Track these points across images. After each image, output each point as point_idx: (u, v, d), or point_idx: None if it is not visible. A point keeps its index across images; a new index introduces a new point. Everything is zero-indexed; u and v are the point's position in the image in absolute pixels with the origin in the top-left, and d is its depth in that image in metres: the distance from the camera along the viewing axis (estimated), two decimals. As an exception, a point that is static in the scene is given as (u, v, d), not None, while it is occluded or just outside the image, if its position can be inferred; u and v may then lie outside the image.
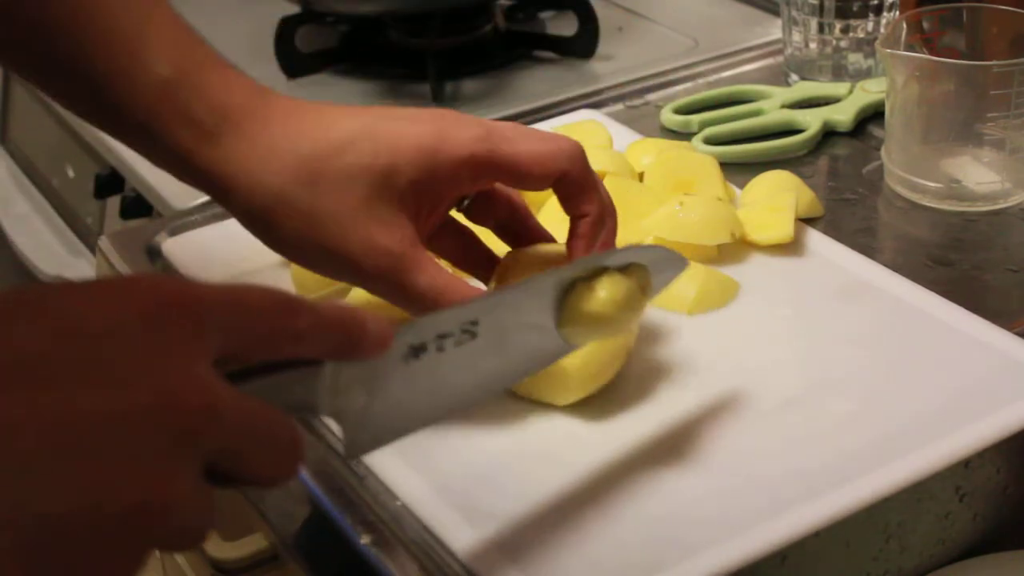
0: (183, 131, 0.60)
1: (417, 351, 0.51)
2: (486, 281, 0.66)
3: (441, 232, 0.65)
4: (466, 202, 0.65)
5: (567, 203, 0.63)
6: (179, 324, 0.42)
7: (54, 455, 0.38)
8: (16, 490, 0.37)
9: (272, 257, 0.75)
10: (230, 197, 0.61)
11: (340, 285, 0.72)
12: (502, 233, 0.67)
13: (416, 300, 0.60)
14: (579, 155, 0.62)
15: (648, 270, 0.62)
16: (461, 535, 0.57)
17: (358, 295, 0.69)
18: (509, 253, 0.66)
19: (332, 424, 0.50)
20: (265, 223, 0.61)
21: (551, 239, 0.67)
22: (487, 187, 0.64)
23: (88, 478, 0.38)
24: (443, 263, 0.65)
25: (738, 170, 0.84)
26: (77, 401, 0.39)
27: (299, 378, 0.47)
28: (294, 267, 0.73)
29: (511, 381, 0.59)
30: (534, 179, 0.62)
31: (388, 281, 0.60)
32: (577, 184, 0.62)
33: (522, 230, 0.66)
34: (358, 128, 0.60)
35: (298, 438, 0.45)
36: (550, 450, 0.61)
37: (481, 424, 0.63)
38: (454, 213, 0.66)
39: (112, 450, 0.39)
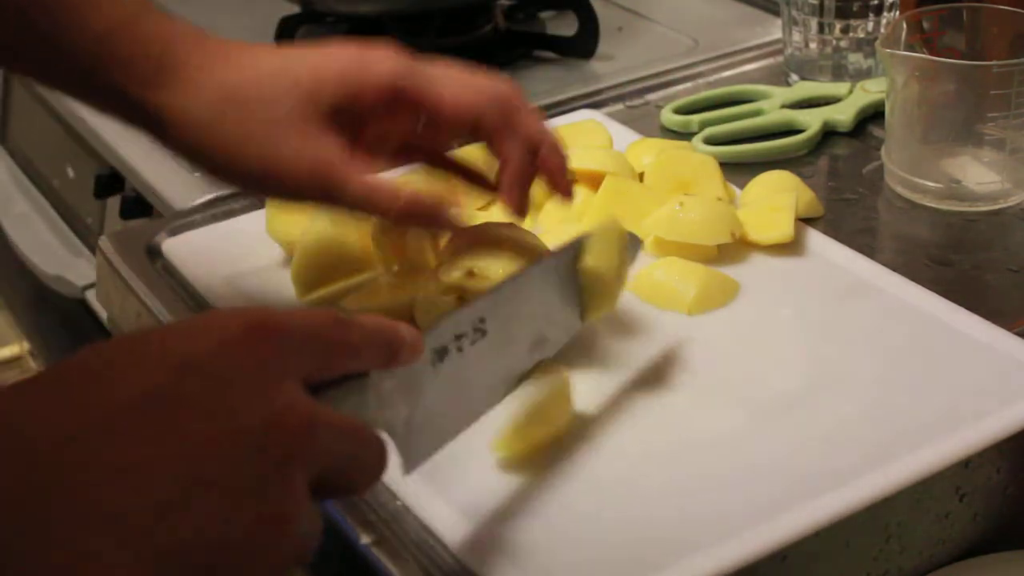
0: (123, 79, 0.63)
1: (440, 354, 0.53)
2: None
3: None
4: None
5: (488, 147, 0.65)
6: (269, 349, 0.45)
7: (182, 488, 0.41)
8: (153, 526, 0.40)
9: (272, 257, 0.76)
10: (167, 135, 0.64)
11: (339, 284, 0.72)
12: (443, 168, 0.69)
13: (354, 199, 0.62)
14: (502, 98, 0.64)
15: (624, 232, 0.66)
16: (461, 535, 0.57)
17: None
18: (456, 233, 0.68)
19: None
20: (201, 152, 0.63)
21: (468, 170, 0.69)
22: (406, 124, 0.65)
23: (214, 504, 0.41)
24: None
25: (738, 170, 0.84)
26: (196, 432, 0.42)
27: (353, 390, 0.49)
28: (294, 267, 0.73)
29: (522, 369, 0.60)
30: (448, 121, 0.64)
31: (321, 187, 0.62)
32: (494, 130, 0.64)
33: (456, 167, 0.69)
34: (281, 61, 0.64)
35: (382, 441, 0.48)
36: (550, 450, 0.61)
37: (482, 426, 0.63)
38: None
39: (232, 474, 0.42)
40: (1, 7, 0.64)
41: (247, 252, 0.77)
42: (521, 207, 0.65)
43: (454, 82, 0.64)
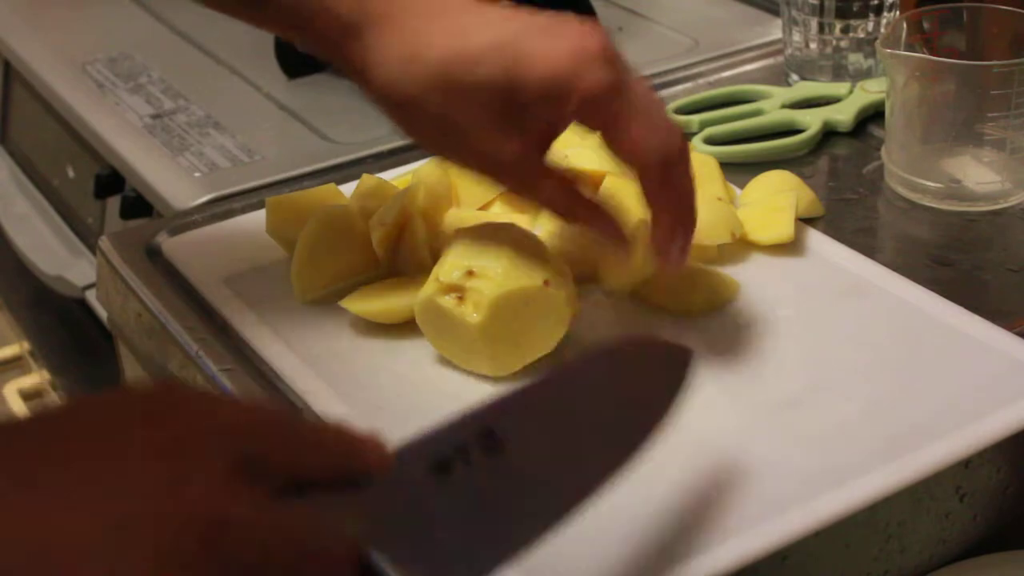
0: (328, 25, 0.63)
1: (443, 466, 0.45)
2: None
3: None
4: None
5: (640, 190, 0.64)
6: (195, 447, 0.41)
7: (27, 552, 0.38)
8: None
9: (272, 257, 0.76)
10: (369, 89, 0.64)
11: (339, 284, 0.72)
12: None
13: (540, 201, 0.66)
14: (672, 152, 0.62)
15: None
16: (461, 535, 0.57)
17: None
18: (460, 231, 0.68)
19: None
20: (399, 118, 0.64)
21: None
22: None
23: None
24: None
25: (738, 170, 0.84)
26: (89, 511, 0.39)
27: (329, 503, 0.43)
28: (294, 266, 0.73)
29: (610, 478, 0.49)
30: (626, 157, 0.63)
31: (515, 191, 0.67)
32: (651, 182, 0.63)
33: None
34: (495, 39, 0.61)
35: (321, 555, 0.42)
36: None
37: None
38: None
39: (124, 565, 0.38)
40: None
41: (247, 252, 0.77)
42: (679, 264, 0.64)
43: (639, 118, 0.61)
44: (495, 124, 0.62)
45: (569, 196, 0.65)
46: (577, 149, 0.80)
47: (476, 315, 0.64)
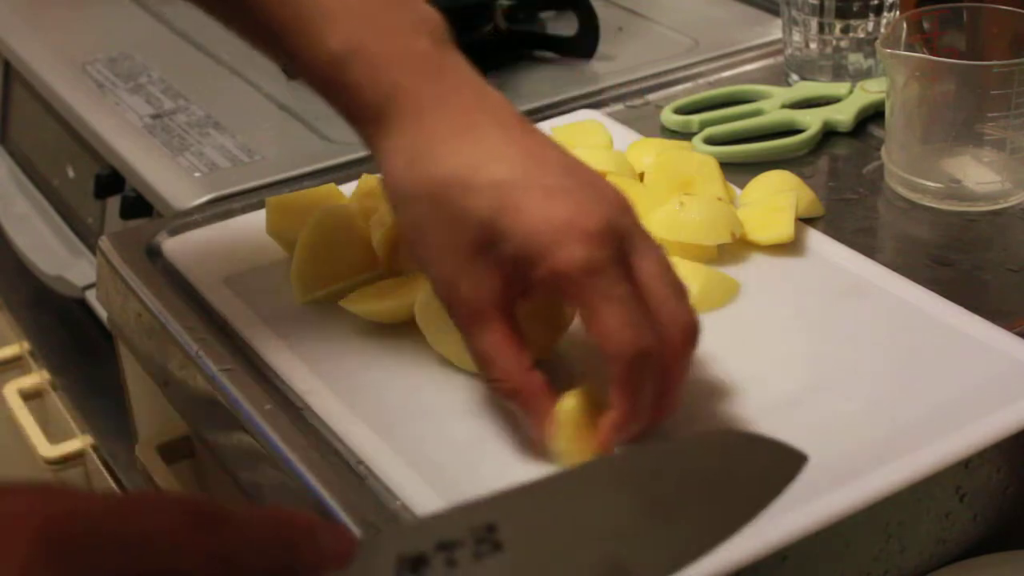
0: (351, 107, 0.62)
1: (417, 566, 0.39)
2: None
3: None
4: None
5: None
6: (51, 571, 0.34)
7: None
8: None
9: (272, 257, 0.76)
10: (378, 166, 0.63)
11: (339, 284, 0.72)
12: None
13: (472, 354, 0.60)
14: (666, 356, 0.57)
15: None
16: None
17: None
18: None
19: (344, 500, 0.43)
20: (397, 215, 0.62)
21: None
22: None
23: None
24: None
25: (738, 170, 0.84)
26: None
27: None
28: (294, 266, 0.73)
29: None
30: (601, 346, 0.57)
31: (467, 323, 0.59)
32: (626, 381, 0.57)
33: None
34: (492, 179, 0.58)
35: None
36: (552, 451, 0.61)
37: (483, 425, 0.63)
38: None
39: None
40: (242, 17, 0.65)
41: (247, 252, 0.77)
42: (606, 448, 0.57)
43: (614, 307, 0.56)
44: (462, 259, 0.58)
45: (496, 362, 0.59)
46: (577, 149, 0.80)
47: None
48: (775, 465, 0.44)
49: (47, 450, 1.13)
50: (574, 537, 0.40)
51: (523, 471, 0.60)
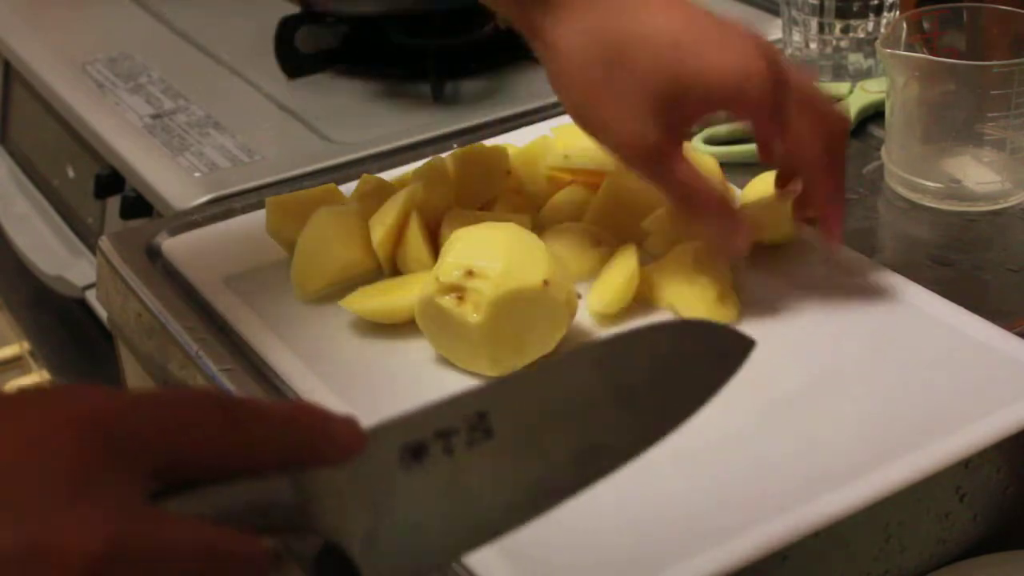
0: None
1: (416, 453, 0.42)
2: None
3: None
4: None
5: (806, 189, 0.72)
6: (101, 454, 0.37)
7: None
8: None
9: (272, 257, 0.76)
10: (542, 52, 0.69)
11: (340, 284, 0.72)
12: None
13: (672, 191, 0.68)
14: (838, 139, 0.71)
15: None
16: (461, 535, 0.57)
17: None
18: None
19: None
20: (561, 85, 0.68)
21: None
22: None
23: None
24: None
25: (738, 170, 0.84)
26: None
27: (254, 493, 0.40)
28: (294, 266, 0.73)
29: (562, 495, 0.44)
30: (795, 148, 0.69)
31: (651, 172, 0.68)
32: (819, 169, 0.71)
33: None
34: (668, 32, 0.65)
35: (260, 562, 0.40)
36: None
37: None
38: None
39: None
40: None
41: (247, 252, 0.77)
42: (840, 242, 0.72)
43: (800, 118, 0.68)
44: (648, 111, 0.65)
45: (694, 186, 0.68)
46: (577, 149, 0.80)
47: (476, 315, 0.64)
48: (726, 349, 0.50)
49: (47, 450, 1.13)
50: (555, 422, 0.43)
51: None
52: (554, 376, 0.45)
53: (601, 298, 0.70)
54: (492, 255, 0.64)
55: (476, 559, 0.55)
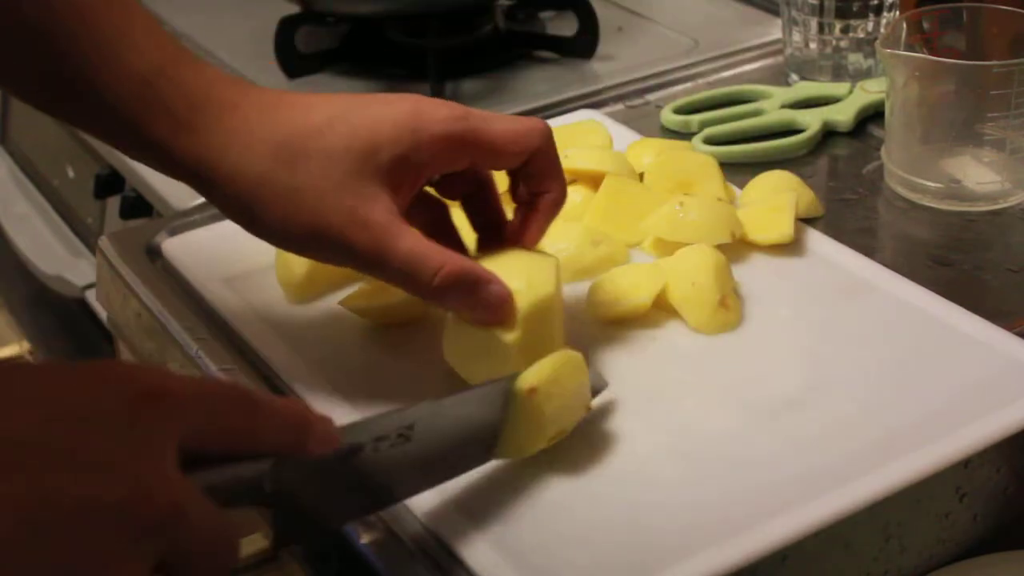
0: (162, 123, 0.61)
1: (354, 450, 0.53)
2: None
3: (415, 204, 0.65)
4: (437, 177, 0.66)
5: (533, 181, 0.65)
6: (153, 416, 0.43)
7: (29, 537, 0.39)
8: None
9: (271, 257, 0.76)
10: (212, 186, 0.61)
11: (341, 284, 0.72)
12: (467, 207, 0.68)
13: (397, 268, 0.60)
14: (549, 134, 0.64)
15: (588, 380, 0.62)
16: (461, 535, 0.57)
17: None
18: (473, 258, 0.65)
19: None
20: (248, 209, 0.61)
21: (504, 223, 0.67)
22: (464, 166, 0.64)
23: (56, 563, 0.40)
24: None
25: (738, 170, 0.84)
26: (57, 486, 0.40)
27: (248, 471, 0.48)
28: (278, 269, 0.73)
29: (433, 483, 0.58)
30: (509, 156, 0.64)
31: (372, 253, 0.60)
32: (548, 161, 0.65)
33: (486, 206, 0.67)
34: (335, 112, 0.61)
35: (236, 549, 0.47)
36: (550, 450, 0.61)
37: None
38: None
39: (82, 538, 0.40)
40: (31, 48, 0.61)
41: (247, 252, 0.77)
42: (537, 240, 0.66)
43: (507, 120, 0.64)
44: (353, 178, 0.60)
45: (440, 250, 0.61)
46: (577, 149, 0.80)
47: (511, 334, 0.62)
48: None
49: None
50: (458, 430, 0.57)
51: (521, 469, 0.60)
52: (467, 401, 0.58)
53: (601, 299, 0.70)
54: (507, 274, 0.63)
55: (476, 559, 0.55)
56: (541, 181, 0.65)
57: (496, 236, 0.67)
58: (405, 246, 0.60)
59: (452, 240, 0.67)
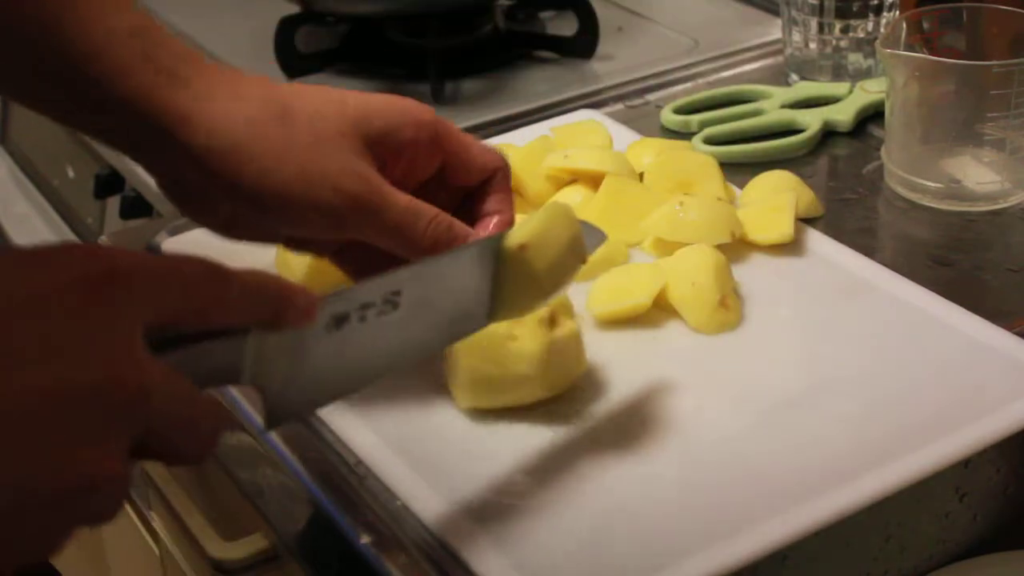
0: (145, 74, 0.59)
1: (340, 321, 0.51)
2: None
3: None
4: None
5: (488, 200, 0.66)
6: (115, 295, 0.42)
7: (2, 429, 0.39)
8: None
9: (271, 256, 0.75)
10: (193, 133, 0.59)
11: (322, 288, 0.72)
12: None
13: (396, 218, 0.61)
14: (508, 165, 0.67)
15: (582, 232, 0.61)
16: (461, 535, 0.57)
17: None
18: None
19: (249, 395, 0.54)
20: (233, 155, 0.59)
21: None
22: (433, 167, 0.65)
23: (26, 455, 0.39)
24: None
25: (738, 170, 0.84)
26: (21, 376, 0.39)
27: (224, 347, 0.47)
28: (278, 269, 0.73)
29: (428, 352, 0.58)
30: (476, 168, 0.66)
31: (372, 205, 0.60)
32: (505, 185, 0.67)
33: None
34: (326, 89, 0.63)
35: (219, 423, 0.46)
36: (551, 450, 0.61)
37: (482, 425, 0.63)
38: None
39: (53, 428, 0.40)
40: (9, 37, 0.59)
41: (247, 252, 0.77)
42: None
43: (474, 140, 0.66)
44: (345, 141, 0.60)
45: (431, 207, 0.62)
46: (577, 149, 0.80)
47: (533, 343, 0.62)
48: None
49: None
50: (444, 296, 0.56)
51: (521, 469, 0.60)
52: (454, 263, 0.57)
53: (601, 299, 0.70)
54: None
55: (477, 559, 0.55)
56: (495, 201, 0.66)
57: None
58: (404, 199, 0.61)
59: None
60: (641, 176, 0.81)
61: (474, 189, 0.67)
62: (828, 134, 0.91)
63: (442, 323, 0.57)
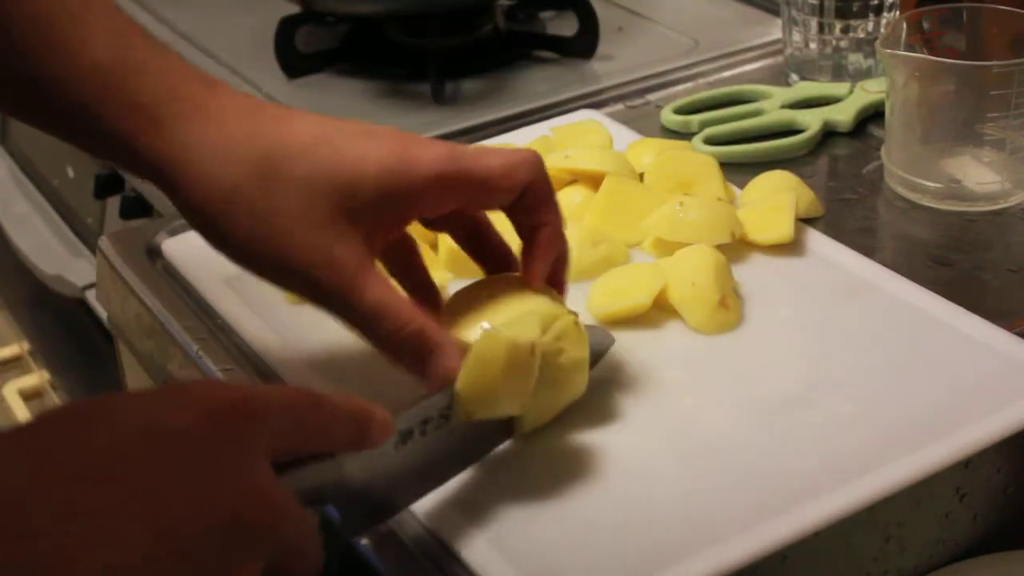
0: (126, 115, 0.57)
1: (405, 437, 0.55)
2: (429, 306, 0.64)
3: (389, 248, 0.63)
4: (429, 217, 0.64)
5: (529, 214, 0.62)
6: (250, 427, 0.45)
7: (141, 550, 0.39)
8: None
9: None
10: (177, 189, 0.58)
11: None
12: (466, 245, 0.66)
13: (360, 316, 0.58)
14: (541, 165, 0.61)
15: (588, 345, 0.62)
16: (461, 535, 0.57)
17: None
18: (456, 293, 0.64)
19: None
20: (215, 221, 0.58)
21: (511, 254, 0.65)
22: (453, 207, 0.61)
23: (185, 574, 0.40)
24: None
25: (738, 170, 0.84)
26: (164, 496, 0.41)
27: (323, 469, 0.50)
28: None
29: (471, 463, 0.60)
30: (502, 191, 0.60)
31: (337, 295, 0.58)
32: (542, 193, 0.61)
33: (487, 243, 0.65)
34: (320, 133, 0.58)
35: (320, 553, 0.48)
36: (550, 450, 0.61)
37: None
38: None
39: (191, 549, 0.41)
40: None
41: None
42: (544, 275, 0.63)
43: (497, 155, 0.60)
44: (328, 218, 0.57)
45: (406, 304, 0.59)
46: (577, 149, 0.80)
47: (573, 351, 0.61)
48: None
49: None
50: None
51: (521, 468, 0.60)
52: None
53: (601, 299, 0.70)
54: (502, 310, 0.62)
55: (476, 559, 0.55)
56: (537, 214, 0.62)
57: (505, 268, 0.65)
58: (372, 296, 0.58)
59: (420, 280, 0.65)
60: (641, 176, 0.81)
61: (513, 204, 0.62)
62: (828, 134, 0.91)
63: (480, 437, 0.60)
